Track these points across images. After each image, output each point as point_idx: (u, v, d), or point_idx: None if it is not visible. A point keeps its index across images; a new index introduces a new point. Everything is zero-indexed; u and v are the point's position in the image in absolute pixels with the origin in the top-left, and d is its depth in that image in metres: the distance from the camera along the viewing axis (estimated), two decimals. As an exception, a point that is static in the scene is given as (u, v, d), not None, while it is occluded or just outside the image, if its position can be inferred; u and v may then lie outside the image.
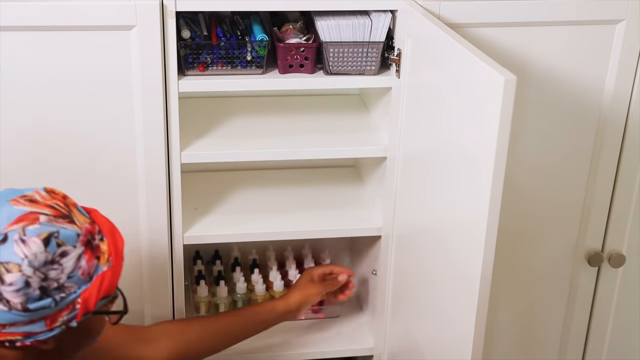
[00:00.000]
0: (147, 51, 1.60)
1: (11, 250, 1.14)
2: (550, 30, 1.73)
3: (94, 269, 1.20)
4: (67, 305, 1.18)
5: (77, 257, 1.18)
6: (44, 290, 1.15)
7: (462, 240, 1.43)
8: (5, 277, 1.13)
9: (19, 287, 1.13)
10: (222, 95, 2.03)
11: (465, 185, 1.40)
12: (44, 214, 1.18)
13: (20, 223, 1.16)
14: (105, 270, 1.21)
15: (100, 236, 1.22)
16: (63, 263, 1.16)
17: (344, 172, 2.14)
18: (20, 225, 1.16)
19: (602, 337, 2.07)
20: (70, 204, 1.23)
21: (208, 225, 1.86)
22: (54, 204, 1.21)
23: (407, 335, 1.80)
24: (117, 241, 1.25)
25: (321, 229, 1.89)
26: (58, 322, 1.18)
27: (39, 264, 1.14)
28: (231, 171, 2.09)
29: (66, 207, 1.22)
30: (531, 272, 1.97)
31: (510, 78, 1.23)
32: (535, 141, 1.83)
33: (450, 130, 1.47)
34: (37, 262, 1.14)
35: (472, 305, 1.38)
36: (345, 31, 1.71)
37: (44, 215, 1.18)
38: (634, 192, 1.91)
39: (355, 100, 2.07)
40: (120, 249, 1.25)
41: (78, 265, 1.18)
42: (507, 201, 1.34)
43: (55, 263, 1.16)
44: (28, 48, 1.57)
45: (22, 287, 1.13)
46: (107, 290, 1.22)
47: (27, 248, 1.14)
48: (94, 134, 1.66)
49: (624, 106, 1.81)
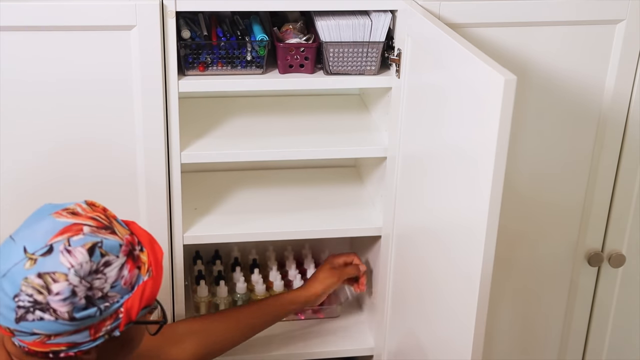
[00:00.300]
0: (147, 51, 1.60)
1: (57, 261, 1.16)
2: (551, 30, 1.73)
3: (136, 279, 1.23)
4: (110, 314, 1.21)
5: (119, 266, 1.20)
6: (89, 300, 1.17)
7: (462, 241, 1.43)
8: (52, 287, 1.15)
9: (66, 296, 1.16)
10: (222, 95, 2.03)
11: (465, 185, 1.40)
12: (87, 225, 1.21)
13: (65, 234, 1.18)
14: (147, 280, 1.24)
15: (140, 247, 1.25)
16: (107, 272, 1.19)
17: (344, 172, 2.14)
18: (64, 236, 1.18)
19: (602, 337, 2.07)
20: (110, 216, 1.26)
21: (208, 225, 1.86)
22: (96, 215, 1.24)
23: (407, 335, 1.80)
24: (157, 252, 1.28)
25: (321, 229, 1.89)
26: (102, 331, 1.21)
27: (84, 273, 1.17)
28: (231, 171, 2.09)
29: (107, 219, 1.25)
30: (531, 272, 1.97)
31: (510, 78, 1.23)
32: (535, 141, 1.83)
33: (451, 130, 1.47)
34: (82, 271, 1.16)
35: (472, 305, 1.38)
36: (345, 31, 1.71)
37: (87, 226, 1.20)
38: (634, 192, 1.91)
39: (355, 100, 2.07)
40: (159, 260, 1.28)
41: (121, 274, 1.20)
42: (507, 201, 1.34)
43: (99, 272, 1.18)
44: (28, 48, 1.57)
45: (68, 296, 1.16)
46: (149, 299, 1.24)
47: (72, 258, 1.16)
48: (93, 135, 1.66)
49: (624, 106, 1.81)
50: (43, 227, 1.20)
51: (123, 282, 1.21)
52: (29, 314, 1.16)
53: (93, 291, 1.17)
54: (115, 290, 1.20)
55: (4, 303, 1.17)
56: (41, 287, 1.15)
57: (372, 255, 1.99)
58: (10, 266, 1.17)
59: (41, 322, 1.16)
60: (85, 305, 1.17)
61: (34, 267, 1.16)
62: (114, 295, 1.20)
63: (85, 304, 1.17)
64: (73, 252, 1.17)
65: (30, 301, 1.16)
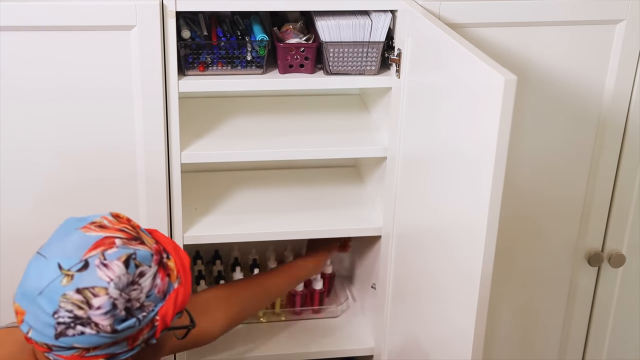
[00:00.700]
0: (147, 51, 1.60)
1: (95, 275, 1.17)
2: (550, 30, 1.73)
3: (167, 287, 1.24)
4: (147, 323, 1.22)
5: (152, 276, 1.22)
6: (128, 311, 1.19)
7: (463, 241, 1.43)
8: (93, 302, 1.17)
9: (107, 309, 1.17)
10: (222, 95, 2.03)
11: (466, 185, 1.40)
12: (117, 237, 1.22)
13: (98, 248, 1.19)
14: (178, 287, 1.26)
15: (166, 254, 1.27)
16: (141, 283, 1.20)
17: (344, 172, 2.14)
18: (98, 250, 1.19)
19: (602, 337, 2.07)
20: (135, 226, 1.28)
21: (208, 225, 1.86)
22: (123, 227, 1.25)
23: (407, 335, 1.80)
24: (182, 258, 1.29)
25: (321, 229, 1.89)
26: (139, 340, 1.23)
27: (123, 285, 1.18)
28: (231, 171, 2.09)
29: (133, 229, 1.26)
30: (531, 272, 1.97)
31: (510, 78, 1.23)
32: (535, 141, 1.83)
33: (451, 130, 1.47)
34: (121, 284, 1.18)
35: (472, 305, 1.38)
36: (345, 31, 1.72)
37: (118, 238, 1.22)
38: (634, 192, 1.91)
39: (355, 100, 2.07)
40: (186, 265, 1.29)
41: (154, 283, 1.22)
42: (507, 201, 1.34)
43: (135, 284, 1.20)
44: (28, 48, 1.57)
45: (110, 309, 1.17)
46: (181, 305, 1.26)
47: (110, 271, 1.18)
48: (93, 135, 1.66)
49: (624, 106, 1.81)
50: (73, 242, 1.21)
51: (157, 290, 1.22)
52: (69, 329, 1.17)
53: (131, 302, 1.19)
54: (150, 300, 1.22)
55: (42, 320, 1.18)
56: (81, 302, 1.16)
57: (372, 255, 1.99)
58: (46, 284, 1.18)
59: (82, 336, 1.17)
60: (125, 316, 1.19)
61: (72, 283, 1.17)
62: (150, 305, 1.22)
63: (125, 316, 1.19)
64: (110, 265, 1.18)
65: (70, 317, 1.17)
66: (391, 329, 1.90)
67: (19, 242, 1.71)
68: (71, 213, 1.72)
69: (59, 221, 1.74)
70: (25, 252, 1.75)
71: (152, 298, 1.22)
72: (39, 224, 1.71)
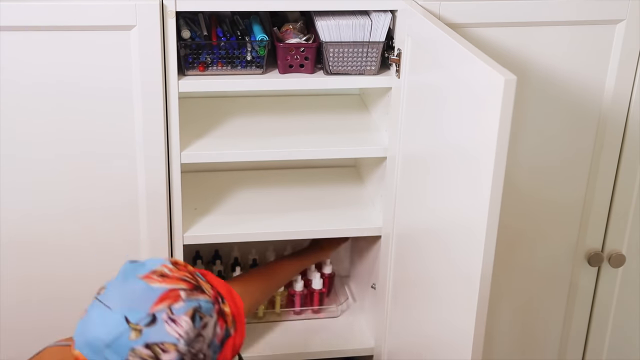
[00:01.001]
0: (147, 51, 1.60)
1: (163, 331, 1.18)
2: (550, 30, 1.73)
3: (225, 333, 1.26)
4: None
5: (214, 325, 1.24)
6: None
7: (462, 240, 1.43)
8: (162, 357, 1.18)
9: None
10: (222, 95, 2.03)
11: (465, 185, 1.40)
12: (182, 289, 1.23)
13: (165, 302, 1.20)
14: (234, 334, 1.28)
15: (221, 299, 1.28)
16: (204, 334, 1.22)
17: (344, 172, 2.14)
18: (164, 304, 1.20)
19: (602, 337, 2.07)
20: (192, 272, 1.28)
21: (208, 225, 1.86)
22: (183, 276, 1.26)
23: (407, 335, 1.80)
24: (237, 301, 1.31)
25: (321, 229, 1.89)
26: None
27: (190, 340, 1.19)
28: (231, 171, 2.09)
29: (193, 277, 1.27)
30: (531, 272, 1.97)
31: (510, 78, 1.23)
32: (535, 141, 1.83)
33: (450, 130, 1.47)
34: (189, 339, 1.19)
35: (472, 305, 1.38)
36: (345, 31, 1.71)
37: (182, 290, 1.22)
38: (634, 192, 1.91)
39: (355, 100, 2.07)
40: (241, 310, 1.31)
41: (215, 332, 1.24)
42: (507, 201, 1.34)
43: (200, 336, 1.21)
44: (28, 48, 1.57)
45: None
46: (236, 351, 1.29)
47: (179, 327, 1.19)
48: (93, 135, 1.66)
49: (624, 106, 1.81)
50: (137, 293, 1.21)
51: (217, 339, 1.24)
52: None
53: (197, 355, 1.20)
54: (211, 349, 1.23)
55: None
56: (150, 357, 1.18)
57: (372, 255, 1.99)
58: (114, 337, 1.18)
59: None
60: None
61: (140, 338, 1.18)
62: (211, 354, 1.23)
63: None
64: (178, 321, 1.19)
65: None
66: (391, 329, 1.90)
67: (18, 243, 1.71)
68: (71, 213, 1.73)
69: (59, 220, 1.75)
70: (25, 252, 1.76)
71: (212, 347, 1.23)
72: (39, 224, 1.71)
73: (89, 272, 1.73)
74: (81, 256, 1.76)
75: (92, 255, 1.76)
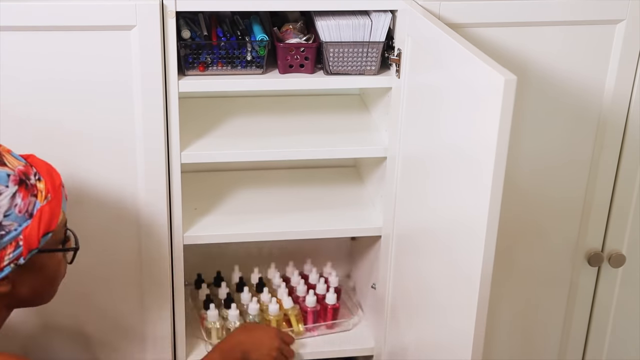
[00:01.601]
0: (147, 51, 1.60)
1: None
2: (551, 31, 1.73)
3: (32, 206, 1.26)
4: (9, 243, 1.23)
5: (11, 195, 1.23)
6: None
7: (463, 241, 1.43)
8: None
9: None
10: (222, 95, 2.03)
11: (466, 185, 1.40)
12: None
13: None
14: (43, 205, 1.27)
15: (37, 177, 1.28)
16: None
17: (344, 172, 2.14)
18: None
19: (602, 337, 2.07)
20: (4, 150, 1.29)
21: (208, 225, 1.86)
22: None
23: (407, 335, 1.80)
24: (55, 179, 1.31)
25: (321, 229, 1.89)
26: (5, 261, 1.23)
27: None
28: (231, 171, 2.09)
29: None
30: (531, 272, 1.97)
31: (510, 78, 1.23)
32: (536, 141, 1.83)
33: (450, 131, 1.47)
34: None
35: (472, 305, 1.38)
36: (345, 31, 1.71)
37: None
38: (634, 192, 1.91)
39: (355, 100, 2.07)
40: (57, 185, 1.31)
41: (13, 203, 1.23)
42: (507, 201, 1.34)
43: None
44: (28, 48, 1.57)
45: None
46: (47, 225, 1.27)
47: None
48: (93, 134, 1.66)
49: (624, 106, 1.81)
50: None
51: (17, 210, 1.23)
52: None
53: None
54: (10, 219, 1.23)
55: None
56: None
57: (372, 256, 1.99)
58: None
59: None
60: None
61: None
62: (10, 224, 1.23)
63: None
64: None
65: None
66: (391, 329, 1.90)
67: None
68: (71, 211, 1.73)
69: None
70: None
71: (12, 217, 1.23)
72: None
73: (89, 272, 1.74)
74: (81, 256, 1.76)
75: (92, 254, 1.76)
